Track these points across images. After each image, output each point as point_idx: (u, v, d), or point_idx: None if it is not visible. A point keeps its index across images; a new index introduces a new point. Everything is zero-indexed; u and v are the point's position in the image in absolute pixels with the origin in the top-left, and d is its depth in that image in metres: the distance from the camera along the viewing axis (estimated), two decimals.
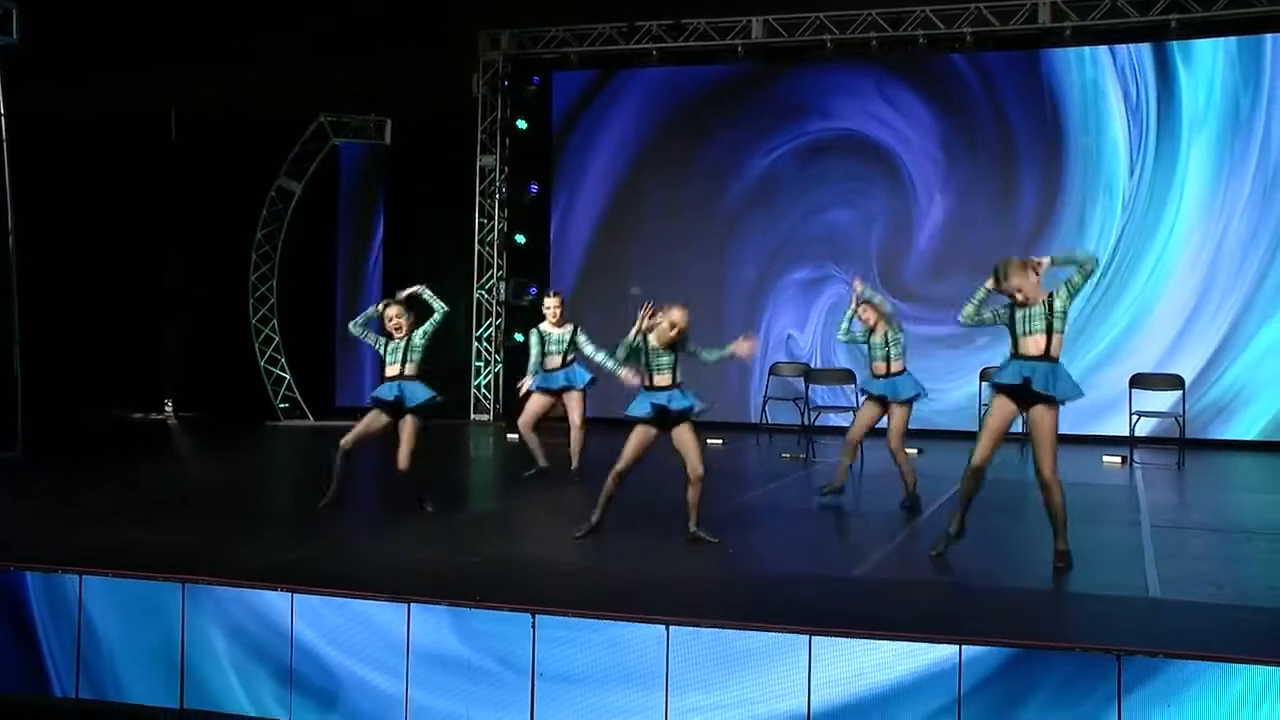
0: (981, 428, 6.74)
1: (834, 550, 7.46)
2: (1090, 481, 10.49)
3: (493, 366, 15.81)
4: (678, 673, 5.11)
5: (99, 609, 5.88)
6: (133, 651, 5.81)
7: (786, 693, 4.97)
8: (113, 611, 5.87)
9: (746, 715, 5.03)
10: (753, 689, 5.02)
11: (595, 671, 5.18)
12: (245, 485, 10.58)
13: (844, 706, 4.96)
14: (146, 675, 5.77)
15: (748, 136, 14.89)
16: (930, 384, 9.42)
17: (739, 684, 5.05)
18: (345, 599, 5.64)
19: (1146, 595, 6.14)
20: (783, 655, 5.04)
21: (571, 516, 7.82)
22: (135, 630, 5.83)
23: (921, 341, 13.72)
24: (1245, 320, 13.13)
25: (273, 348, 14.96)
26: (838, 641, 5.02)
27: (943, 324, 12.99)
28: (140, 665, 5.79)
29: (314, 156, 14.95)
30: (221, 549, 6.69)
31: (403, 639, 5.46)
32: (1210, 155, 13.35)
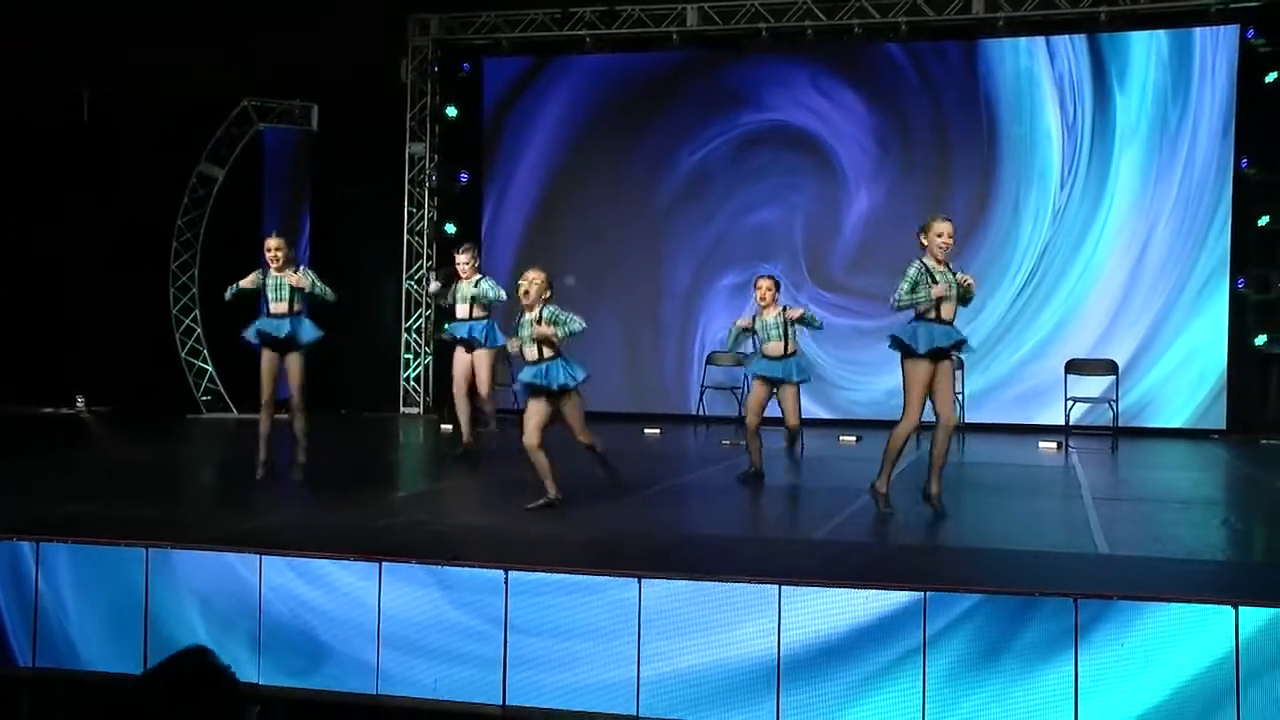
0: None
1: (793, 517, 7.30)
2: (1029, 463, 10.47)
3: (423, 358, 15.46)
4: (650, 622, 5.03)
5: (58, 576, 5.58)
6: (96, 619, 5.53)
7: (757, 636, 4.93)
8: (72, 579, 5.58)
9: (718, 658, 4.92)
10: (725, 636, 4.97)
11: (568, 625, 5.09)
12: (185, 468, 10.23)
13: (813, 650, 4.92)
14: (110, 642, 5.47)
15: (683, 126, 14.73)
16: (860, 376, 9.39)
17: (711, 632, 5.00)
18: (315, 559, 5.37)
19: (1096, 552, 6.04)
20: (753, 605, 5.00)
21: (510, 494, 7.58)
22: (97, 597, 5.56)
23: (850, 333, 13.72)
24: (1172, 313, 13.24)
25: (194, 339, 14.48)
26: (807, 590, 4.98)
27: (870, 316, 12.93)
28: (103, 632, 5.52)
29: (237, 142, 14.53)
30: (178, 520, 6.44)
31: (374, 599, 5.21)
32: (1143, 149, 13.43)
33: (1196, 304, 13.23)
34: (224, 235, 14.55)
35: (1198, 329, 13.18)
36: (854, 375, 13.83)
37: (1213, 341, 13.18)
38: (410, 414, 15.30)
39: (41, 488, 7.84)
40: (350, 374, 15.44)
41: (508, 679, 5.01)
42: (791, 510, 7.69)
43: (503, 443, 9.57)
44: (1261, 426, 13.16)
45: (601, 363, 9.47)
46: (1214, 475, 10.19)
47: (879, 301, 11.51)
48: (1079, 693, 4.70)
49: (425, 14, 15.30)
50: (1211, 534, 6.69)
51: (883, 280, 13.76)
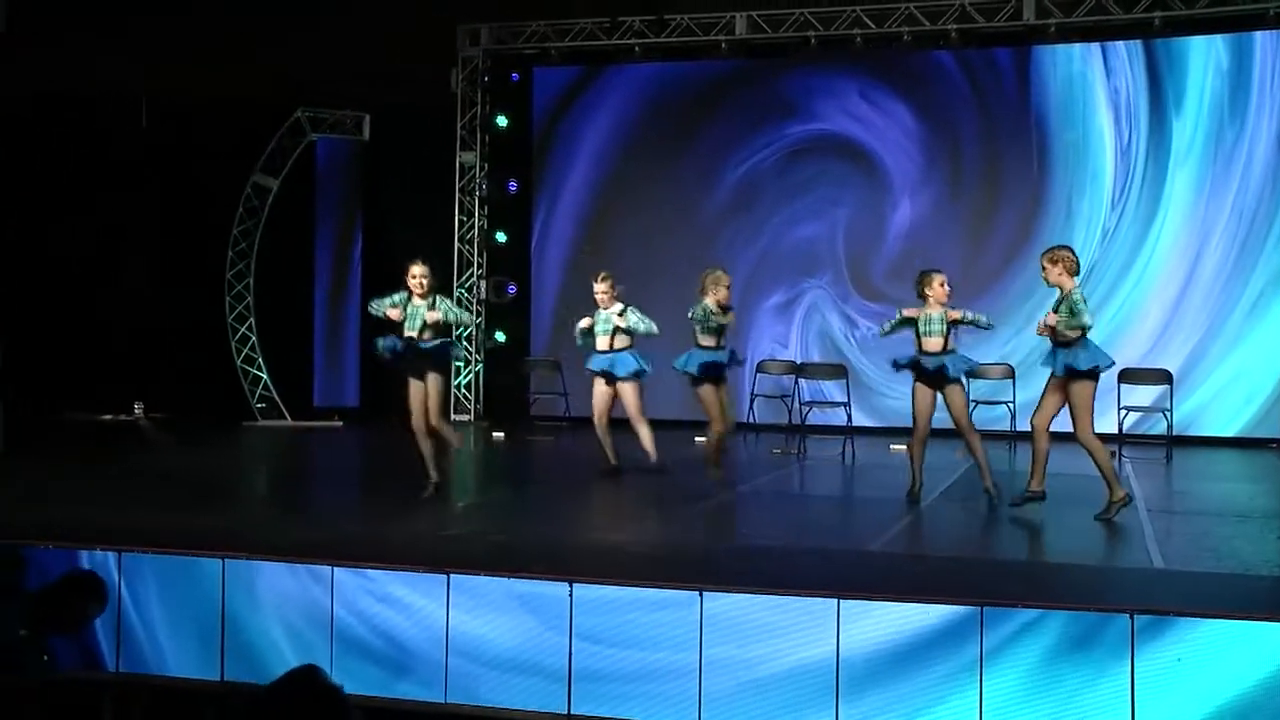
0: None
1: (847, 528, 7.34)
2: (1083, 473, 10.40)
3: (473, 366, 15.61)
4: (711, 635, 5.12)
5: (141, 586, 5.77)
6: (176, 626, 5.71)
7: (816, 649, 5.02)
8: (154, 588, 5.76)
9: (777, 671, 5.03)
10: (784, 649, 5.07)
11: (632, 636, 5.19)
12: (250, 476, 10.41)
13: (872, 663, 4.99)
14: (189, 649, 5.67)
15: (732, 135, 14.78)
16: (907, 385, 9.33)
17: (771, 644, 5.09)
18: (385, 570, 5.51)
19: (1152, 566, 6.05)
20: (812, 618, 5.08)
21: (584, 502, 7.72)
22: (177, 606, 5.74)
23: (898, 341, 13.70)
24: (1228, 321, 13.13)
25: (249, 347, 14.71)
26: (866, 604, 5.06)
27: None
28: (182, 639, 5.70)
29: (291, 151, 14.75)
30: (248, 530, 6.63)
31: (443, 609, 5.37)
32: (1199, 159, 13.31)
33: (1253, 312, 13.07)
34: (278, 245, 14.77)
35: (1254, 338, 13.03)
36: (902, 384, 13.80)
37: (1269, 350, 13.05)
38: (461, 421, 15.44)
39: (112, 497, 8.02)
40: (402, 381, 15.60)
41: (572, 689, 5.11)
42: (847, 521, 7.73)
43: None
44: None
45: (653, 369, 9.53)
46: (1271, 486, 10.12)
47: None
48: (1135, 708, 4.73)
49: (475, 24, 15.45)
50: (1269, 549, 6.66)
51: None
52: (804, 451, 11.63)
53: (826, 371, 12.13)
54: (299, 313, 14.96)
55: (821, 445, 11.78)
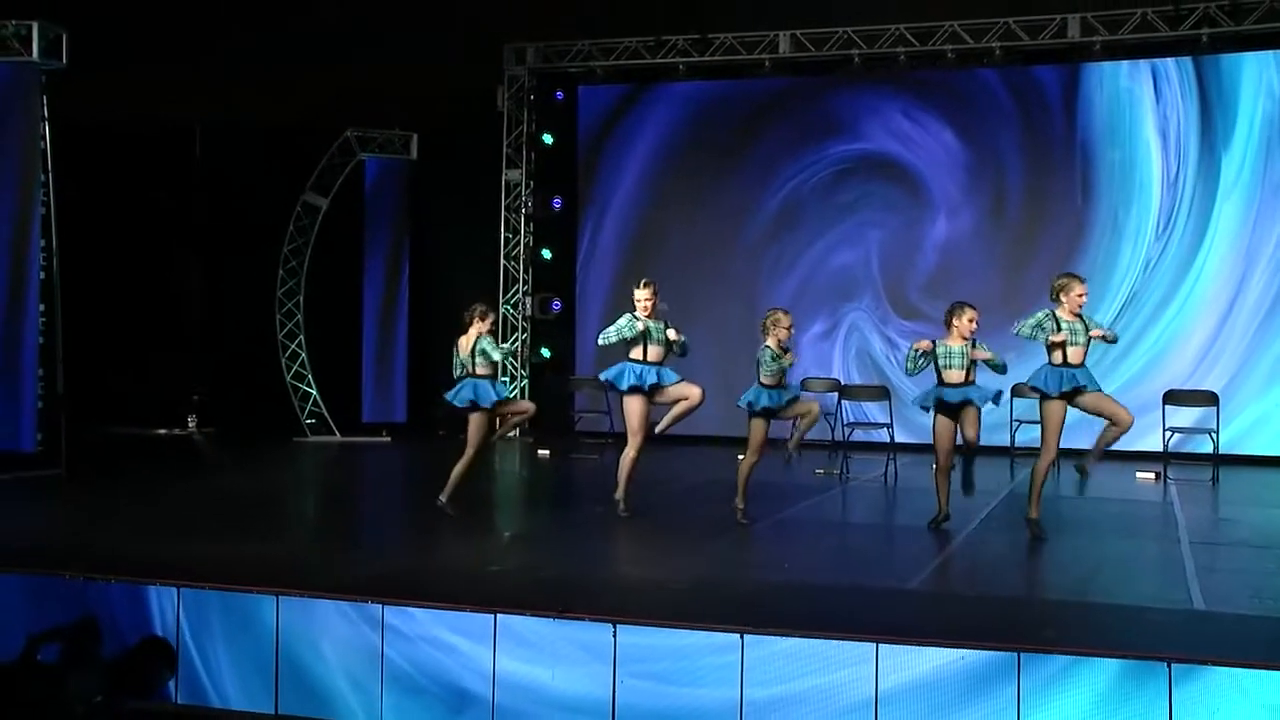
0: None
1: (887, 563, 7.39)
2: (1126, 497, 10.42)
3: (519, 381, 15.78)
4: (752, 677, 5.24)
5: (199, 620, 5.98)
6: (232, 661, 5.90)
7: (853, 692, 5.14)
8: (211, 623, 5.97)
9: (817, 709, 5.16)
10: (821, 691, 5.19)
11: (672, 675, 5.32)
12: (304, 499, 10.61)
13: (910, 705, 5.09)
14: (246, 683, 5.86)
15: (776, 153, 14.85)
16: None
17: (807, 686, 5.20)
18: (434, 610, 5.68)
19: (1191, 607, 6.07)
20: (850, 661, 5.17)
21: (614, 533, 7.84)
22: (233, 640, 5.93)
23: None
24: (1277, 339, 13.07)
25: (299, 363, 14.96)
26: (903, 649, 5.15)
27: None
28: (239, 673, 5.88)
29: (340, 171, 14.99)
30: (304, 563, 6.82)
31: (489, 650, 5.53)
32: (1248, 180, 13.25)
33: None
34: (328, 263, 15.03)
35: None
36: None
37: None
38: (507, 436, 15.59)
39: (172, 525, 8.22)
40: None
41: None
42: (887, 553, 7.78)
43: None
44: None
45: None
46: None
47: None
48: None
49: (521, 43, 15.62)
50: None
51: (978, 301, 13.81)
52: (846, 472, 11.67)
53: (869, 393, 12.16)
54: (348, 329, 15.20)
55: (864, 466, 11.82)
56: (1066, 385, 7.68)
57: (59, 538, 7.86)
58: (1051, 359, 7.81)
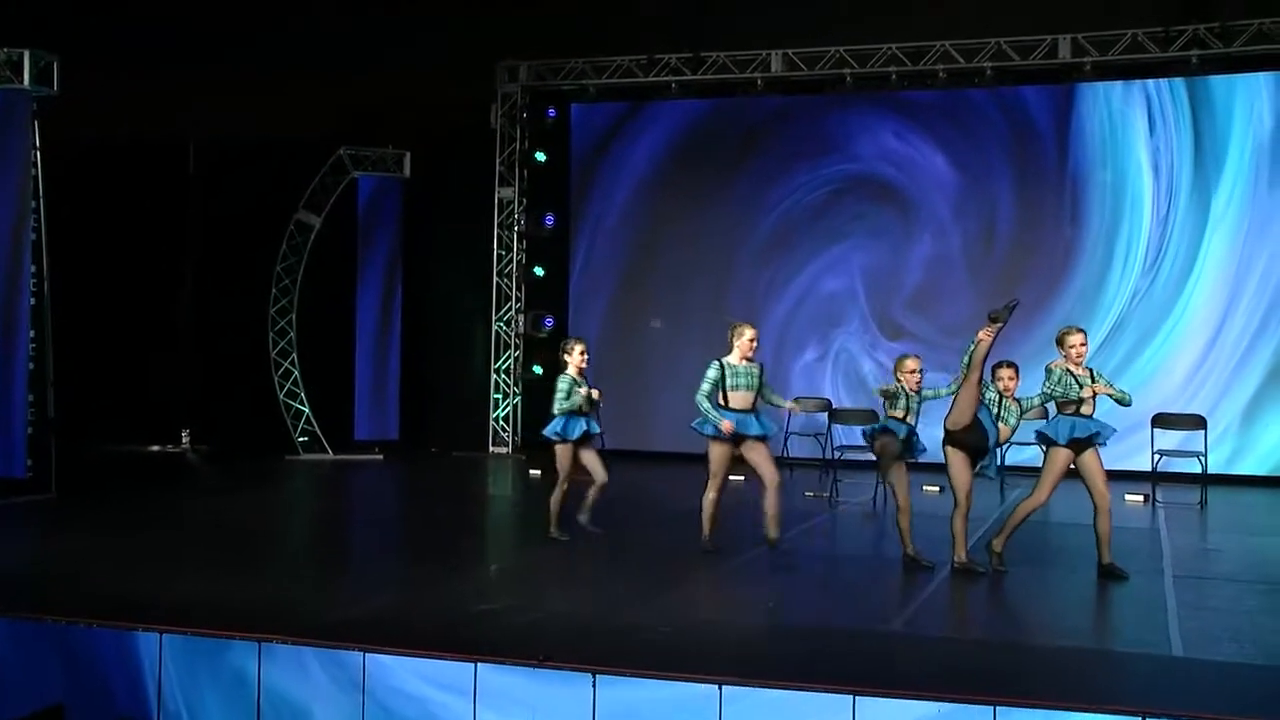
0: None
1: (869, 602, 7.39)
2: (1115, 524, 10.40)
3: (511, 399, 15.82)
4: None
5: (181, 667, 5.98)
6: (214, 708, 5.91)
7: None
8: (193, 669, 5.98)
9: None
10: None
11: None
12: (294, 524, 10.61)
13: None
14: None
15: (767, 172, 14.90)
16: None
17: None
18: (415, 658, 5.70)
19: (1170, 653, 6.10)
20: (827, 713, 5.20)
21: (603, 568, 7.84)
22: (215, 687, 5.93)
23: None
24: (1268, 358, 13.15)
25: (291, 381, 14.98)
26: (880, 701, 5.19)
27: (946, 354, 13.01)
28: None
29: (333, 189, 15.01)
30: (286, 603, 6.82)
31: (469, 699, 5.56)
32: (1240, 199, 13.32)
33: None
34: (321, 281, 15.06)
35: None
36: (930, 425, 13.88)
37: None
38: (499, 454, 15.66)
39: (157, 559, 8.24)
40: (441, 413, 15.92)
41: None
42: (872, 588, 7.77)
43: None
44: None
45: (687, 405, 9.23)
46: None
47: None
48: None
49: (514, 61, 15.66)
50: None
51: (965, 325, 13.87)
52: (836, 495, 11.70)
53: (858, 417, 12.16)
54: (341, 347, 15.24)
55: (854, 489, 11.85)
56: (1079, 433, 7.71)
57: (45, 570, 7.89)
58: (1063, 409, 7.86)
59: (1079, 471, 7.83)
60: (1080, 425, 7.76)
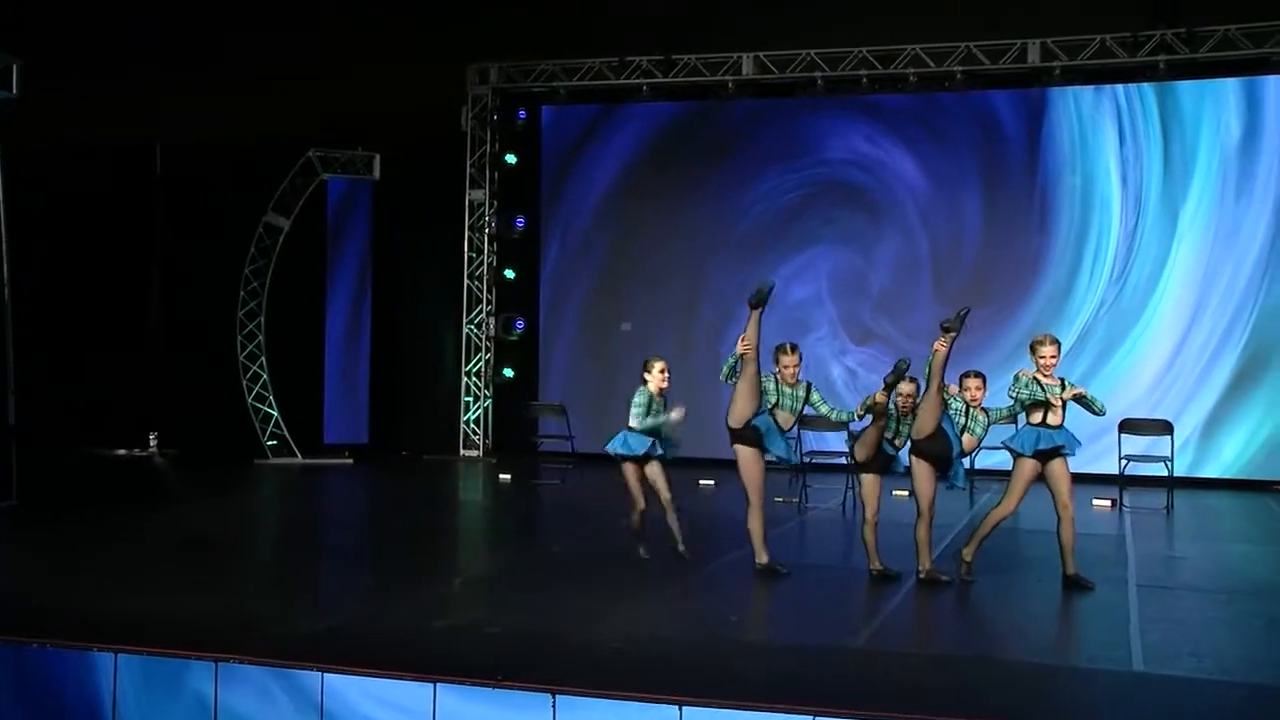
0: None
1: (834, 616, 7.36)
2: (1080, 530, 10.43)
3: (482, 401, 15.77)
4: None
5: (135, 687, 5.87)
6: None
7: None
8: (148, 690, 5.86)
9: None
10: None
11: None
12: (258, 534, 10.48)
13: None
14: None
15: (740, 173, 14.91)
16: None
17: None
18: (373, 679, 5.63)
19: (1130, 669, 6.11)
20: None
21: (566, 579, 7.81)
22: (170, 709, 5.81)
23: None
24: (1235, 363, 13.31)
25: (260, 384, 14.88)
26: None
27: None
28: None
29: (302, 191, 14.91)
30: (250, 616, 6.76)
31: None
32: (1206, 202, 13.44)
33: (1259, 355, 13.20)
34: (290, 283, 14.97)
35: (1261, 380, 13.25)
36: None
37: (1276, 393, 13.16)
38: (470, 457, 15.61)
39: (117, 571, 8.15)
40: (411, 417, 15.87)
41: None
42: (838, 601, 7.74)
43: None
44: None
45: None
46: (1265, 549, 10.14)
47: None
48: None
49: (485, 63, 15.60)
50: (1250, 642, 6.71)
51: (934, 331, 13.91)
52: (805, 500, 11.71)
53: (828, 423, 12.13)
54: (310, 350, 15.17)
55: (824, 495, 11.85)
56: (1044, 445, 7.71)
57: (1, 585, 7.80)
58: (1030, 419, 7.83)
59: (1045, 478, 7.84)
60: (1045, 437, 7.76)
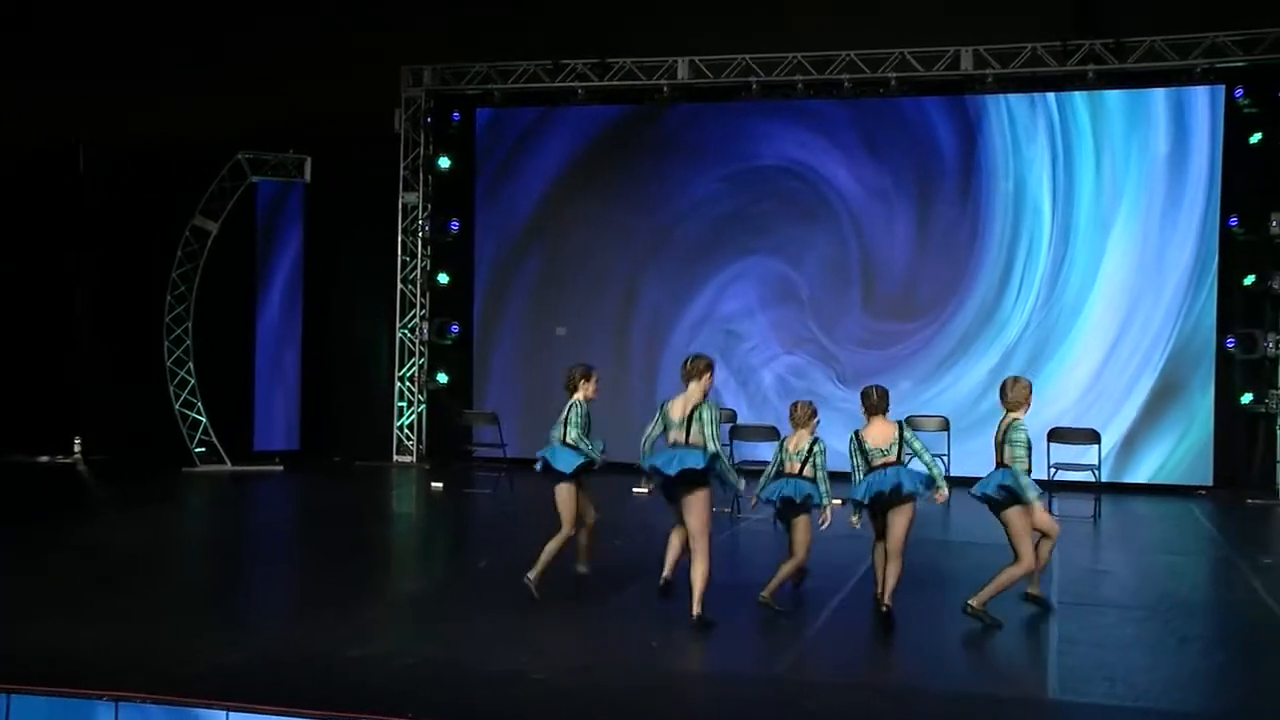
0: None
1: (756, 642, 7.30)
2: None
3: (416, 407, 15.60)
4: None
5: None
6: None
7: None
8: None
9: None
10: None
11: None
12: (177, 552, 10.17)
13: None
14: None
15: (675, 178, 14.84)
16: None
17: None
18: (278, 718, 5.50)
19: (1045, 695, 6.14)
20: None
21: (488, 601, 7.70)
22: None
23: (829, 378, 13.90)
24: (1162, 369, 13.46)
25: (188, 390, 14.62)
26: None
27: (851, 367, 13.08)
28: None
29: (231, 194, 14.65)
30: (154, 646, 6.60)
31: None
32: (1133, 209, 13.58)
33: (1185, 361, 13.38)
34: (218, 288, 14.70)
35: (1187, 386, 13.39)
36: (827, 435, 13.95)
37: (1202, 399, 13.34)
38: (403, 463, 15.44)
39: (26, 597, 7.94)
40: (344, 422, 15.67)
41: None
42: (760, 627, 7.65)
43: None
44: (1247, 484, 13.33)
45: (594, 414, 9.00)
46: (1187, 560, 10.26)
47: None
48: None
49: (418, 64, 15.40)
50: (1163, 663, 6.75)
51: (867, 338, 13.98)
52: (738, 510, 11.67)
53: (759, 434, 12.16)
54: (240, 355, 14.93)
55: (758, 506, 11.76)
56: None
57: None
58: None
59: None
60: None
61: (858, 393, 7.86)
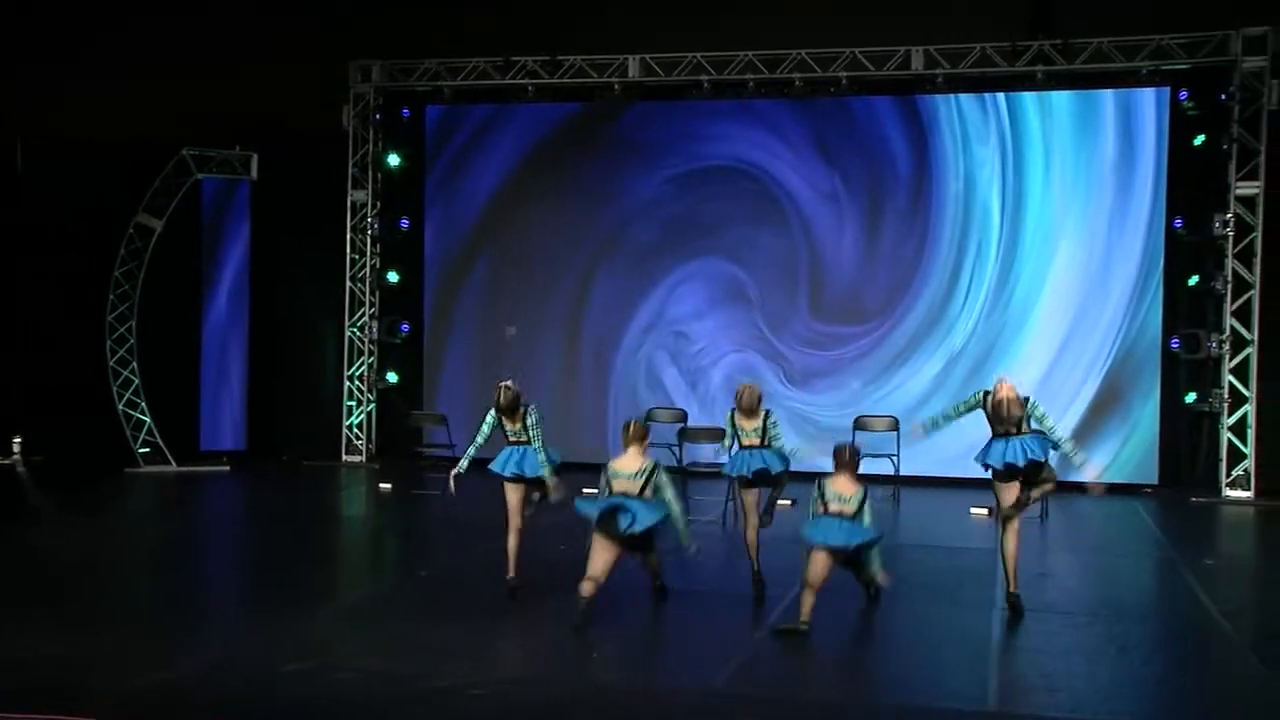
0: None
1: (695, 651, 7.24)
2: (955, 544, 10.60)
3: (365, 406, 15.47)
4: None
5: None
6: None
7: None
8: None
9: None
10: None
11: None
12: (115, 558, 9.92)
13: None
14: None
15: (626, 177, 14.78)
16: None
17: None
18: None
19: (985, 707, 6.16)
20: None
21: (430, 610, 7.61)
22: None
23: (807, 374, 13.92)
24: (1109, 370, 13.57)
25: (131, 390, 14.40)
26: None
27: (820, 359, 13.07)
28: None
29: (175, 191, 14.43)
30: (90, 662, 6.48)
31: None
32: (1079, 210, 13.68)
33: (1132, 362, 13.51)
34: (162, 286, 14.50)
35: (1134, 387, 13.51)
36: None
37: (1148, 399, 13.46)
38: (352, 462, 15.30)
39: None
40: (291, 422, 15.51)
41: None
42: (703, 634, 7.61)
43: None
44: (1192, 482, 13.48)
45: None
46: (1134, 562, 10.35)
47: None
48: None
49: (367, 60, 15.23)
50: (1102, 671, 6.78)
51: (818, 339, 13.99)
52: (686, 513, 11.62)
53: (709, 435, 12.12)
54: (185, 354, 14.76)
55: (704, 507, 11.74)
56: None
57: None
58: None
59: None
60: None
61: (804, 392, 8.00)
